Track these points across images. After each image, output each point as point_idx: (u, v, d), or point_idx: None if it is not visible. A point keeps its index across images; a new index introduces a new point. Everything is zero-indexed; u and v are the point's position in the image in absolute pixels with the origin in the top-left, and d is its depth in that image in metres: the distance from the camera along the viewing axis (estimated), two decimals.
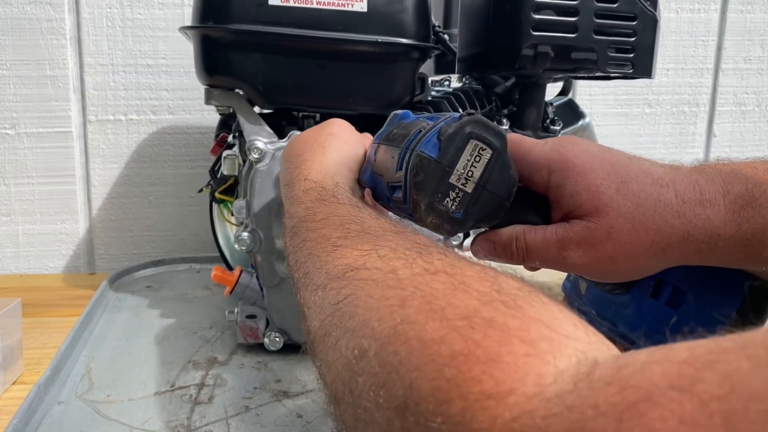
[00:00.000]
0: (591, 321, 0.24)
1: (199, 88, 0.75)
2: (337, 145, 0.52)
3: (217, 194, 0.79)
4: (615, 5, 0.66)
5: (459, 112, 0.43)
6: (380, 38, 0.67)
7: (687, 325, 0.43)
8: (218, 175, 0.80)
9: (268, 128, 0.69)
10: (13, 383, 0.63)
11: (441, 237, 0.51)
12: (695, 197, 0.39)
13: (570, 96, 0.89)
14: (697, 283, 0.43)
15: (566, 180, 0.39)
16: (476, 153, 0.38)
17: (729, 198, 0.39)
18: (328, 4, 0.66)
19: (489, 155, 0.38)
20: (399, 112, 0.46)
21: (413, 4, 0.68)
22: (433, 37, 0.72)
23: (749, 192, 0.39)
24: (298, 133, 0.68)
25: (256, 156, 0.67)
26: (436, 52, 0.74)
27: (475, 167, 0.39)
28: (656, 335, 0.43)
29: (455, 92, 0.79)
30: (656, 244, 0.38)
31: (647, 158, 0.41)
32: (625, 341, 0.44)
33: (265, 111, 0.76)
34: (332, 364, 0.29)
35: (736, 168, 0.40)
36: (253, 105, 0.71)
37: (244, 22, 0.66)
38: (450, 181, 0.39)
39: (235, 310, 0.72)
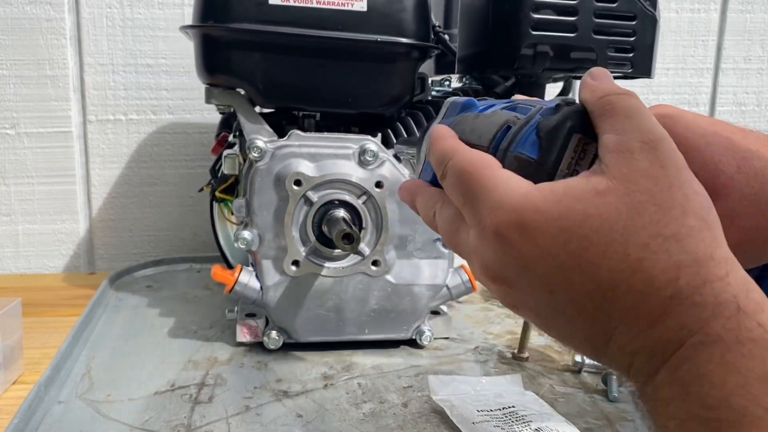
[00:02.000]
0: None
1: (199, 88, 0.75)
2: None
3: (217, 193, 0.79)
4: (614, 5, 0.66)
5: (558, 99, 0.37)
6: (380, 37, 0.67)
7: None
8: (218, 175, 0.80)
9: (268, 127, 0.69)
10: (13, 383, 0.63)
11: None
12: None
13: (570, 96, 0.89)
14: None
15: None
16: (580, 148, 0.33)
17: None
18: (328, 3, 0.66)
19: (595, 149, 0.33)
20: (459, 99, 0.40)
21: (413, 4, 0.68)
22: (433, 37, 0.73)
23: None
24: (300, 132, 0.69)
25: (256, 155, 0.67)
26: (436, 51, 0.74)
27: (580, 165, 0.33)
28: None
29: (455, 92, 0.79)
30: None
31: (757, 131, 0.35)
32: None
33: (266, 110, 0.76)
34: None
35: None
36: (253, 104, 0.71)
37: (245, 21, 0.66)
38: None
39: (235, 309, 0.72)
